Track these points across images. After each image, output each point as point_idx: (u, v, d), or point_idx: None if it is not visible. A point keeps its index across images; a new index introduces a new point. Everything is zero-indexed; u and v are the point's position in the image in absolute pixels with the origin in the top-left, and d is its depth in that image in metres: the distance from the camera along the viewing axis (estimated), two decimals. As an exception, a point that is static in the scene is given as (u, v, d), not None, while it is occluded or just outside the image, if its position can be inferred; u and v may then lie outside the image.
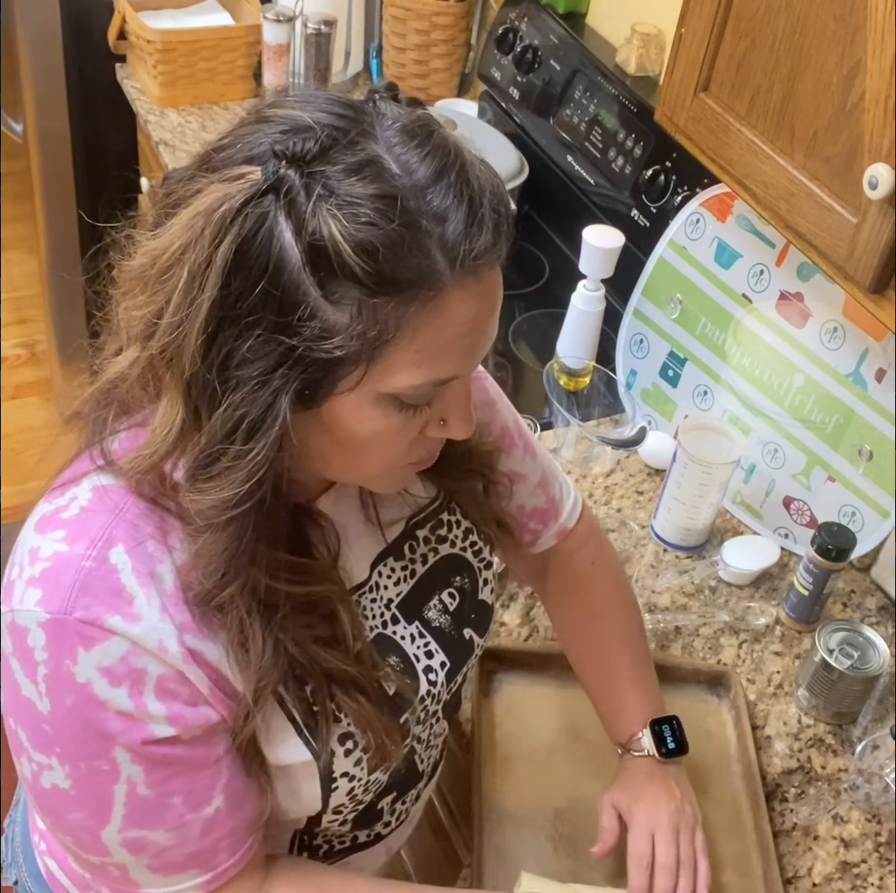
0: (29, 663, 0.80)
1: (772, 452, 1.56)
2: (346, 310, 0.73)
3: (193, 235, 0.73)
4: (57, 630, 0.78)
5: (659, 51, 1.85)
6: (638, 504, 1.61)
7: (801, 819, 1.24)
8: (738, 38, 1.16)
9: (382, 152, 0.74)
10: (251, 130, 0.77)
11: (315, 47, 2.18)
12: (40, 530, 0.82)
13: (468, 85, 2.40)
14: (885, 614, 1.49)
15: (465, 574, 1.06)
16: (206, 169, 0.76)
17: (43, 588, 0.79)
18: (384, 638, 0.98)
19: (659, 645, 1.41)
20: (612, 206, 1.88)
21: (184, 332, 0.74)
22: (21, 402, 3.04)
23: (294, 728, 0.88)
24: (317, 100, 0.78)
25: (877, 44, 0.98)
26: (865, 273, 1.05)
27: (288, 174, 0.72)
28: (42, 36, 2.36)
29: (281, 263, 0.72)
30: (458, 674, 1.05)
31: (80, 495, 0.83)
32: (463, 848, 1.32)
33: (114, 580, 0.79)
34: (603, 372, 1.69)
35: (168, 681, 0.80)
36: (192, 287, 0.73)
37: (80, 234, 2.65)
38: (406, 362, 0.76)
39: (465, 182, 0.75)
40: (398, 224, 0.72)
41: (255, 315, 0.73)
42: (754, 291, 1.56)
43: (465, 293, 0.76)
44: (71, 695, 0.79)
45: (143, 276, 0.77)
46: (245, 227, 0.72)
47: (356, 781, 0.93)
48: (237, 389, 0.75)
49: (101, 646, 0.78)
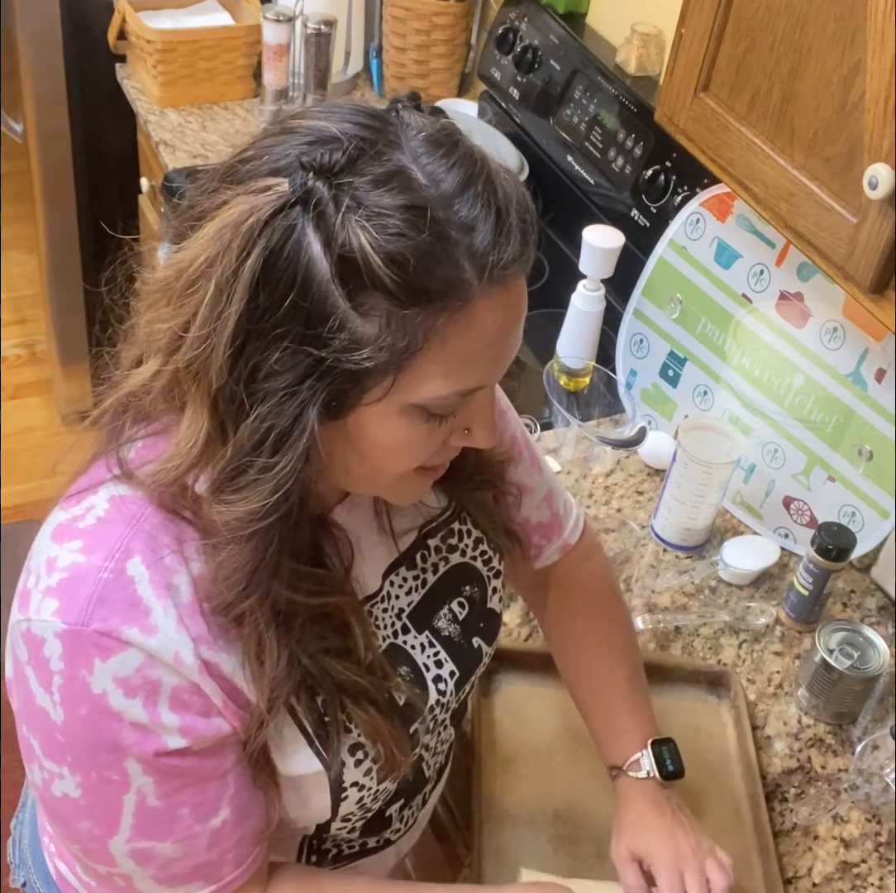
0: (44, 672, 0.79)
1: (772, 452, 1.56)
2: (375, 321, 0.73)
3: (220, 247, 0.73)
4: (74, 641, 0.78)
5: (659, 51, 1.85)
6: (638, 504, 1.61)
7: (801, 819, 1.24)
8: (738, 38, 1.16)
9: (409, 163, 0.74)
10: (276, 141, 0.76)
11: (315, 47, 2.18)
12: (57, 540, 0.81)
13: (468, 85, 2.40)
14: (885, 614, 1.49)
15: (474, 583, 1.05)
16: (232, 181, 0.76)
17: (60, 599, 0.79)
18: (395, 648, 0.97)
19: (659, 645, 1.41)
20: (612, 206, 1.87)
21: (211, 345, 0.74)
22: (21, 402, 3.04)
23: (305, 739, 0.88)
24: (341, 110, 0.77)
25: (877, 44, 0.98)
26: (865, 273, 1.05)
27: (316, 186, 0.72)
28: (42, 36, 2.36)
29: (309, 274, 0.72)
30: (467, 683, 1.04)
31: (97, 505, 0.82)
32: (463, 848, 1.32)
33: (131, 591, 0.79)
34: (603, 372, 1.69)
35: (182, 692, 0.80)
36: (219, 300, 0.73)
37: (80, 234, 2.65)
38: (434, 373, 0.76)
39: (492, 191, 0.76)
40: (428, 235, 0.71)
41: (283, 327, 0.73)
42: (754, 291, 1.56)
43: (493, 303, 0.76)
44: (85, 705, 0.79)
45: (169, 288, 0.76)
46: (273, 239, 0.72)
47: (365, 790, 0.93)
48: (264, 401, 0.75)
49: (118, 657, 0.78)
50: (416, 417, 0.79)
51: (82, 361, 2.80)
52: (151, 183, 2.38)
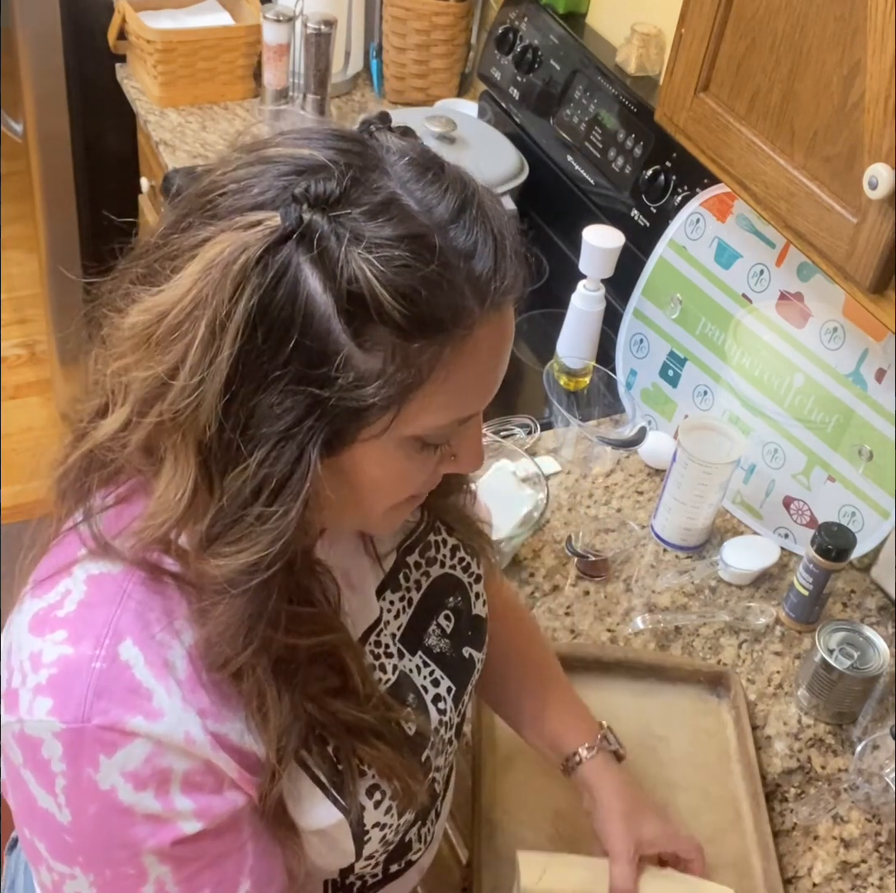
0: (45, 774, 0.75)
1: (772, 452, 1.56)
2: (379, 355, 0.70)
3: (209, 288, 0.68)
4: (75, 740, 0.74)
5: (659, 51, 1.85)
6: (638, 504, 1.61)
7: (801, 819, 1.24)
8: (738, 38, 1.16)
9: (398, 189, 0.72)
10: (254, 172, 0.72)
11: (315, 47, 2.17)
12: (37, 632, 0.76)
13: (468, 85, 2.40)
14: (885, 614, 1.49)
15: (458, 593, 1.04)
16: (211, 216, 0.72)
17: (53, 697, 0.74)
18: (403, 676, 0.95)
19: (659, 645, 1.41)
20: (612, 206, 1.87)
21: (202, 392, 0.69)
22: (21, 402, 3.04)
23: (322, 791, 0.85)
24: (320, 135, 0.74)
25: (877, 44, 0.98)
26: (865, 273, 1.05)
27: (314, 219, 0.69)
28: (42, 36, 2.36)
29: (309, 312, 0.69)
30: (465, 694, 1.03)
31: (74, 589, 0.77)
32: (463, 848, 1.32)
33: (128, 677, 0.75)
34: (603, 372, 1.69)
35: (194, 774, 0.77)
36: (210, 344, 0.69)
37: (80, 234, 2.65)
38: (435, 404, 0.73)
39: (486, 216, 0.73)
40: (435, 265, 0.69)
41: (281, 369, 0.69)
42: (754, 291, 1.56)
43: (491, 329, 0.74)
44: (94, 804, 0.75)
45: (147, 334, 0.71)
46: (267, 276, 0.68)
47: (388, 828, 0.91)
48: (261, 446, 0.71)
49: (124, 750, 0.74)
50: (412, 448, 0.76)
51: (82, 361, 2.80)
52: (151, 183, 2.38)
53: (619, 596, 1.47)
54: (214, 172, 0.75)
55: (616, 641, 1.40)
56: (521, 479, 1.52)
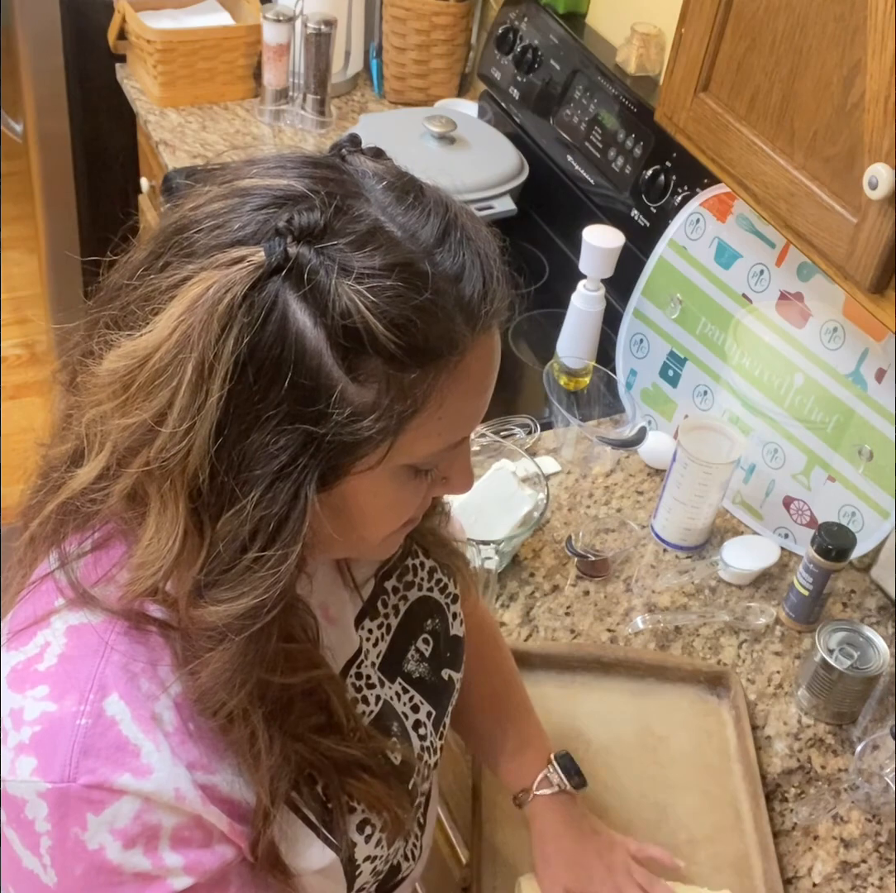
0: (29, 835, 0.73)
1: (772, 452, 1.56)
2: (373, 388, 0.68)
3: (193, 329, 0.66)
4: (61, 800, 0.71)
5: (659, 51, 1.85)
6: (638, 504, 1.61)
7: (801, 819, 1.24)
8: (738, 38, 1.16)
9: (380, 215, 0.70)
10: (231, 205, 0.70)
11: (315, 47, 2.18)
12: (17, 688, 0.73)
13: (468, 85, 2.40)
14: (885, 614, 1.49)
15: (435, 616, 1.02)
16: (187, 254, 0.69)
17: (37, 756, 0.71)
18: (387, 705, 0.94)
19: (659, 645, 1.41)
20: (612, 206, 1.87)
21: (192, 437, 0.67)
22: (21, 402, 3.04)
23: (314, 832, 0.83)
24: (293, 163, 0.72)
25: (877, 44, 0.98)
26: (865, 273, 1.05)
27: (301, 253, 0.66)
28: (42, 36, 2.36)
29: (301, 348, 0.67)
30: (445, 717, 1.01)
31: (54, 641, 0.74)
32: (463, 848, 1.32)
33: (115, 733, 0.72)
34: (603, 372, 1.69)
35: (183, 830, 0.75)
36: (199, 388, 0.66)
37: (80, 234, 2.65)
38: (429, 431, 0.72)
39: (469, 237, 0.72)
40: (426, 293, 0.68)
41: (274, 409, 0.67)
42: (754, 291, 1.56)
43: (481, 352, 0.73)
44: (81, 864, 0.72)
45: (128, 380, 0.68)
46: (253, 315, 0.66)
47: (378, 860, 0.90)
48: (255, 487, 0.68)
49: (112, 808, 0.72)
50: (405, 476, 0.75)
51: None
52: (151, 183, 2.38)
53: (619, 596, 1.47)
54: (184, 207, 0.73)
55: (616, 641, 1.40)
56: (521, 479, 1.52)
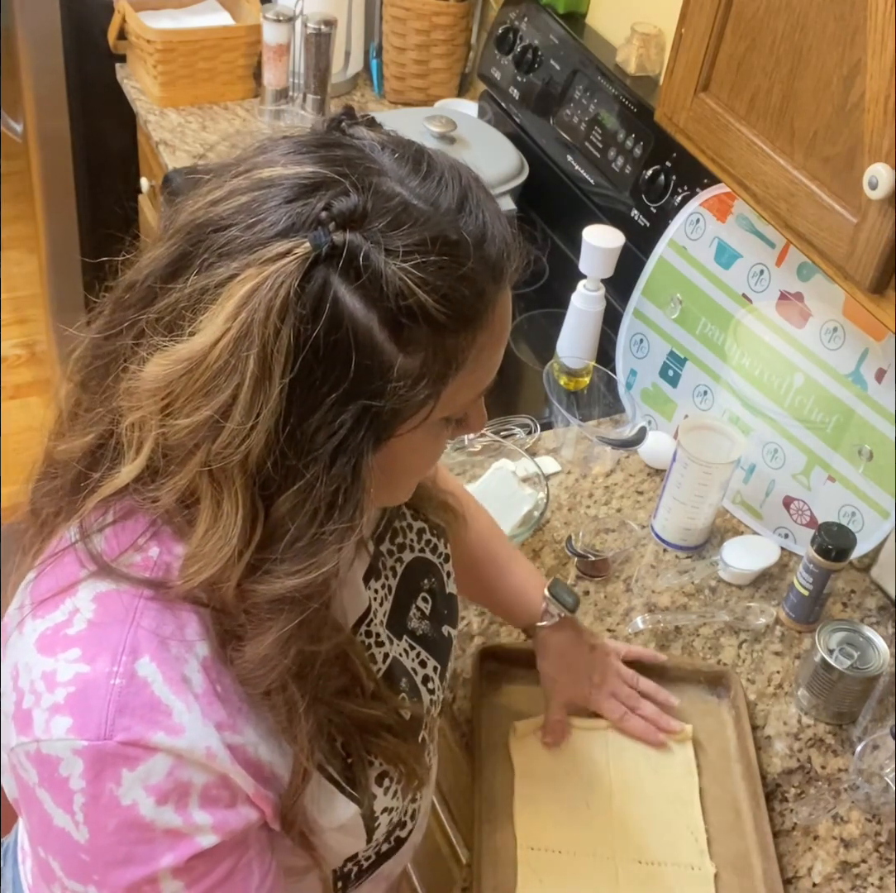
0: (62, 793, 0.75)
1: (772, 452, 1.56)
2: (420, 356, 0.72)
3: (250, 325, 0.68)
4: (97, 756, 0.74)
5: (659, 51, 1.85)
6: (638, 504, 1.61)
7: (801, 819, 1.24)
8: (738, 38, 1.16)
9: (401, 189, 0.73)
10: (257, 199, 0.72)
11: (315, 47, 2.17)
12: (47, 652, 0.76)
13: (468, 85, 2.40)
14: (885, 614, 1.49)
15: (430, 575, 1.06)
16: (225, 253, 0.71)
17: (72, 715, 0.74)
18: (395, 662, 0.97)
19: (659, 645, 1.41)
20: (612, 206, 1.87)
21: (258, 429, 0.70)
22: (21, 402, 3.04)
23: (336, 788, 0.86)
24: (304, 147, 0.74)
25: (877, 44, 0.98)
26: (865, 273, 1.05)
27: (347, 239, 0.69)
28: (42, 36, 2.36)
29: (353, 330, 0.70)
30: (447, 671, 1.06)
31: (82, 607, 0.77)
32: (463, 848, 1.32)
33: (148, 694, 0.74)
34: (603, 372, 1.69)
35: (211, 788, 0.77)
36: (261, 381, 0.69)
37: (80, 234, 2.65)
38: (466, 384, 0.77)
39: (482, 200, 0.76)
40: (469, 263, 0.72)
41: (333, 391, 0.70)
42: (754, 291, 1.56)
43: (503, 305, 0.78)
44: (114, 820, 0.75)
45: (182, 381, 0.71)
46: (308, 305, 0.69)
47: (395, 811, 0.92)
48: (314, 464, 0.71)
49: (146, 765, 0.74)
50: (440, 428, 0.79)
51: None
52: (151, 183, 2.38)
53: (619, 596, 1.47)
54: (201, 202, 0.74)
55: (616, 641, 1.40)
56: (521, 479, 1.53)
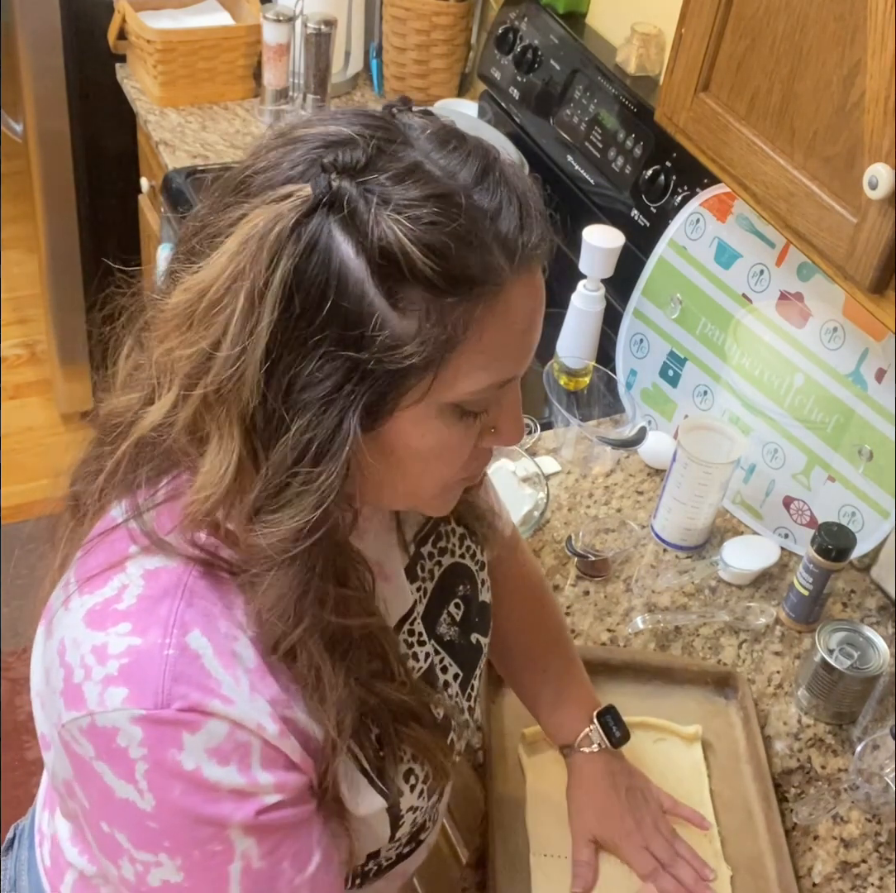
0: (122, 763, 0.76)
1: (772, 452, 1.56)
2: (414, 316, 0.72)
3: (246, 260, 0.71)
4: (156, 725, 0.75)
5: (659, 51, 1.85)
6: (638, 504, 1.61)
7: (801, 819, 1.24)
8: (738, 38, 1.16)
9: (422, 158, 0.74)
10: (285, 152, 0.75)
11: (315, 47, 2.17)
12: (97, 626, 0.77)
13: (468, 85, 2.40)
14: (885, 614, 1.49)
15: (466, 581, 1.06)
16: (245, 195, 0.75)
17: (128, 686, 0.75)
18: (431, 662, 0.98)
19: (659, 645, 1.41)
20: (612, 206, 1.87)
21: (244, 362, 0.72)
22: (21, 402, 3.04)
23: (366, 778, 0.87)
24: (346, 114, 0.77)
25: (877, 44, 0.98)
26: (865, 273, 1.05)
27: (343, 186, 0.72)
28: (42, 36, 2.36)
29: (344, 276, 0.71)
30: (473, 679, 1.05)
31: (131, 583, 0.78)
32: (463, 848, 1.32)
33: (200, 665, 0.76)
34: (603, 372, 1.69)
35: (269, 751, 0.78)
36: (250, 314, 0.71)
37: (80, 234, 2.65)
38: (472, 366, 0.76)
39: (507, 179, 0.76)
40: (461, 221, 0.72)
41: (319, 334, 0.72)
42: (754, 291, 1.56)
43: (523, 288, 0.77)
44: (179, 784, 0.75)
45: (189, 311, 0.74)
46: (300, 245, 0.71)
47: (419, 811, 0.93)
48: (303, 413, 0.73)
49: (206, 728, 0.75)
50: (451, 416, 0.78)
51: (82, 361, 2.81)
52: (151, 183, 2.38)
53: (619, 596, 1.47)
54: (246, 155, 0.78)
55: (616, 641, 1.40)
56: (521, 479, 1.53)
